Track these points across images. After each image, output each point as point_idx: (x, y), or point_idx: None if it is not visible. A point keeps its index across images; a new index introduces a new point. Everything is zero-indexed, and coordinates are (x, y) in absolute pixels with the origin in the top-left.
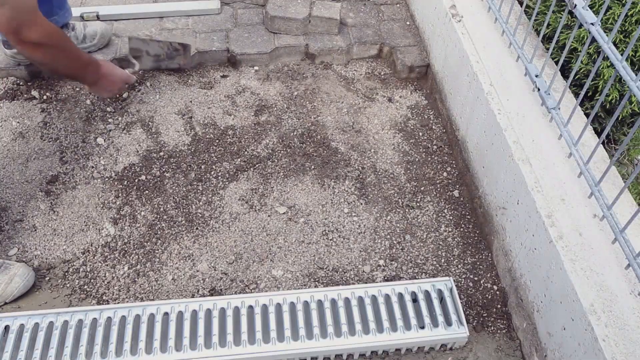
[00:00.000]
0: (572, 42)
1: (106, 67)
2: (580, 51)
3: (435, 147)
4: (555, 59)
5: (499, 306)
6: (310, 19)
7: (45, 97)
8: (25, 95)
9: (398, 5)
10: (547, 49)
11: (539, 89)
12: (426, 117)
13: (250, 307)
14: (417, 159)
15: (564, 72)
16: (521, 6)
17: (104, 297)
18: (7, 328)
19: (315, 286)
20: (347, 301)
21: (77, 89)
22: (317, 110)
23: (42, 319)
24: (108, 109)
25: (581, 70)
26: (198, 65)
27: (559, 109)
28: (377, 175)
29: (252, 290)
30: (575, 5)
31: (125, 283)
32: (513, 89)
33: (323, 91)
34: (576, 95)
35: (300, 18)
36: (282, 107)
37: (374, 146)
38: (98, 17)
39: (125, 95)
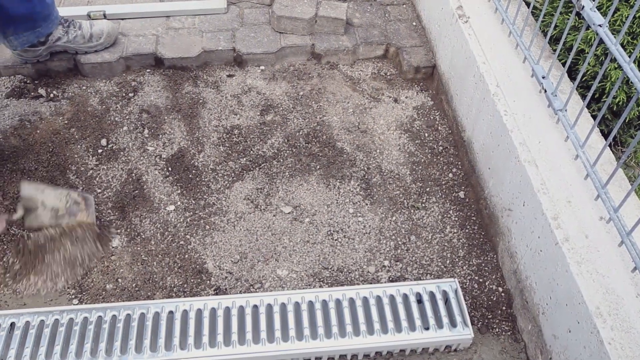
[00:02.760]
0: (580, 43)
1: None
2: (587, 53)
3: (440, 148)
4: (562, 61)
5: (504, 308)
6: (316, 19)
7: (52, 95)
8: (32, 94)
9: (404, 5)
10: (554, 50)
11: (545, 91)
12: (432, 118)
13: (255, 306)
14: (422, 160)
15: (571, 73)
16: (528, 7)
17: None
18: (12, 325)
19: (320, 286)
20: (351, 301)
21: (84, 87)
22: (322, 110)
23: (48, 316)
24: (113, 106)
25: (588, 72)
26: (204, 65)
27: (566, 110)
28: (382, 176)
29: (257, 290)
30: (583, 7)
31: (133, 278)
32: (520, 91)
33: (329, 91)
34: (583, 97)
35: (307, 18)
36: (288, 106)
37: (379, 146)
38: (105, 16)
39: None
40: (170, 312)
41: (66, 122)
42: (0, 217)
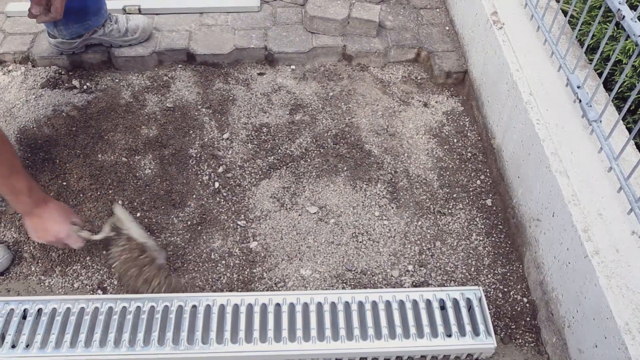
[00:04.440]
0: (618, 54)
1: (47, 212)
2: (625, 64)
3: (469, 154)
4: (599, 71)
5: (528, 319)
6: (349, 20)
7: (85, 86)
8: (67, 85)
9: (438, 10)
10: (591, 60)
11: (580, 101)
12: (461, 123)
13: (278, 304)
14: (450, 166)
15: (607, 84)
16: (565, 16)
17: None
18: (39, 311)
19: (343, 288)
20: (374, 305)
21: (117, 80)
22: (352, 112)
23: (74, 304)
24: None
25: (625, 83)
26: (235, 62)
27: (600, 121)
28: (409, 180)
29: (280, 288)
30: (624, 17)
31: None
32: (553, 100)
33: (359, 93)
34: (619, 108)
35: (339, 19)
36: (317, 107)
37: (407, 150)
38: (140, 11)
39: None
40: (194, 307)
41: (98, 113)
42: (80, 234)
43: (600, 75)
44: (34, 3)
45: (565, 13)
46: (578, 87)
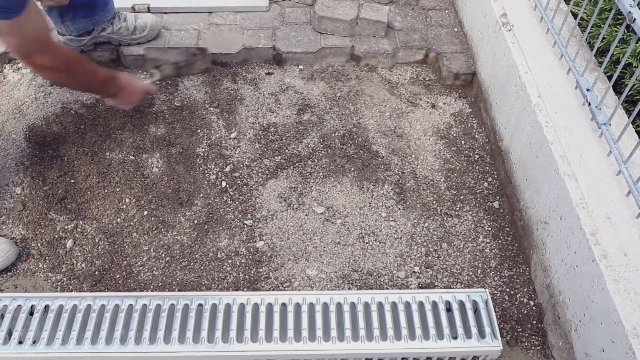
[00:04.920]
0: (628, 57)
1: (125, 80)
2: (636, 67)
3: (477, 156)
4: (608, 74)
5: (534, 322)
6: (357, 20)
7: None
8: None
9: (447, 11)
10: (600, 63)
11: (589, 103)
12: (469, 125)
13: (284, 304)
14: (458, 167)
15: (617, 87)
16: (575, 18)
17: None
18: (46, 307)
19: (349, 288)
20: (380, 306)
21: None
22: (359, 113)
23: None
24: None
25: (635, 87)
26: (244, 62)
27: (610, 125)
28: (416, 181)
29: (286, 288)
30: (635, 20)
31: (159, 273)
32: (562, 102)
33: (366, 94)
34: (628, 112)
35: (348, 19)
36: (325, 107)
37: (414, 152)
38: (149, 9)
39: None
40: (200, 305)
41: (106, 112)
42: (146, 86)
43: (610, 78)
44: None
45: (575, 15)
46: (587, 89)
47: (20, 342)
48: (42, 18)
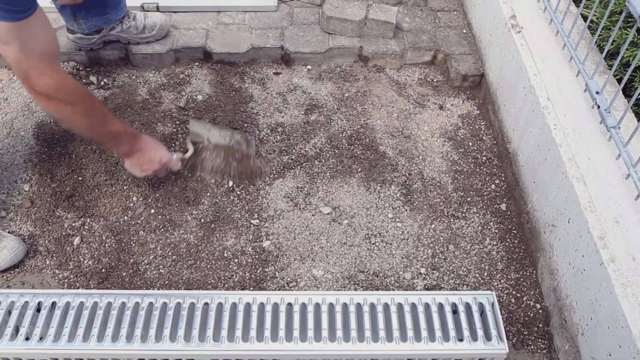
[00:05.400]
0: (638, 60)
1: (145, 142)
2: None
3: (484, 158)
4: (618, 77)
5: (540, 325)
6: (366, 21)
7: (102, 83)
8: (84, 80)
9: (455, 12)
10: (610, 66)
11: (598, 106)
12: (477, 127)
13: (290, 304)
14: (465, 169)
15: (626, 90)
16: (585, 21)
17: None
18: (53, 304)
19: (355, 289)
20: (386, 307)
21: (133, 77)
22: (367, 113)
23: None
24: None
25: None
26: (252, 61)
27: (619, 128)
28: (423, 183)
29: (292, 288)
30: None
31: (166, 271)
32: (571, 105)
33: (374, 94)
34: (638, 115)
35: (356, 20)
36: (333, 107)
37: (422, 153)
38: (158, 8)
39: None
40: (206, 304)
41: (115, 109)
42: (176, 157)
43: (619, 81)
44: None
45: (585, 18)
46: (597, 92)
47: (27, 339)
48: (52, 32)
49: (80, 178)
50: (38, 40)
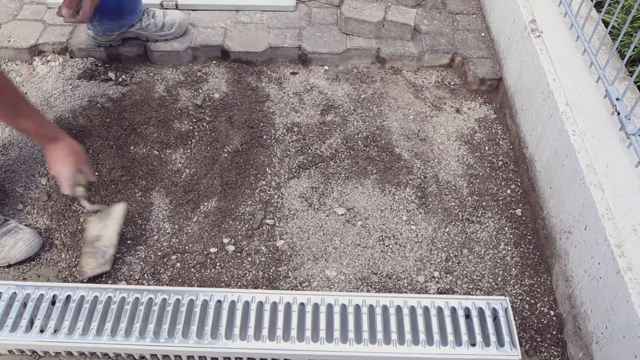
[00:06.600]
0: None
1: (56, 150)
2: None
3: (500, 162)
4: (639, 84)
5: (554, 332)
6: (384, 23)
7: (120, 79)
8: (102, 76)
9: (474, 15)
10: (631, 72)
11: (618, 113)
12: (494, 131)
13: (302, 304)
14: (481, 173)
15: None
16: (606, 27)
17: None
18: (68, 298)
19: (368, 291)
20: (398, 309)
21: (151, 74)
22: (383, 115)
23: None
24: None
25: None
26: (269, 61)
27: (639, 135)
28: (438, 186)
29: (305, 288)
30: None
31: (184, 270)
32: (590, 111)
33: (391, 96)
34: None
35: (375, 21)
36: (349, 108)
37: (437, 156)
38: (177, 6)
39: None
40: (219, 302)
41: (132, 106)
42: (79, 191)
43: None
44: (65, 5)
45: (606, 24)
46: (617, 99)
47: (41, 331)
48: None
49: (96, 173)
50: None
